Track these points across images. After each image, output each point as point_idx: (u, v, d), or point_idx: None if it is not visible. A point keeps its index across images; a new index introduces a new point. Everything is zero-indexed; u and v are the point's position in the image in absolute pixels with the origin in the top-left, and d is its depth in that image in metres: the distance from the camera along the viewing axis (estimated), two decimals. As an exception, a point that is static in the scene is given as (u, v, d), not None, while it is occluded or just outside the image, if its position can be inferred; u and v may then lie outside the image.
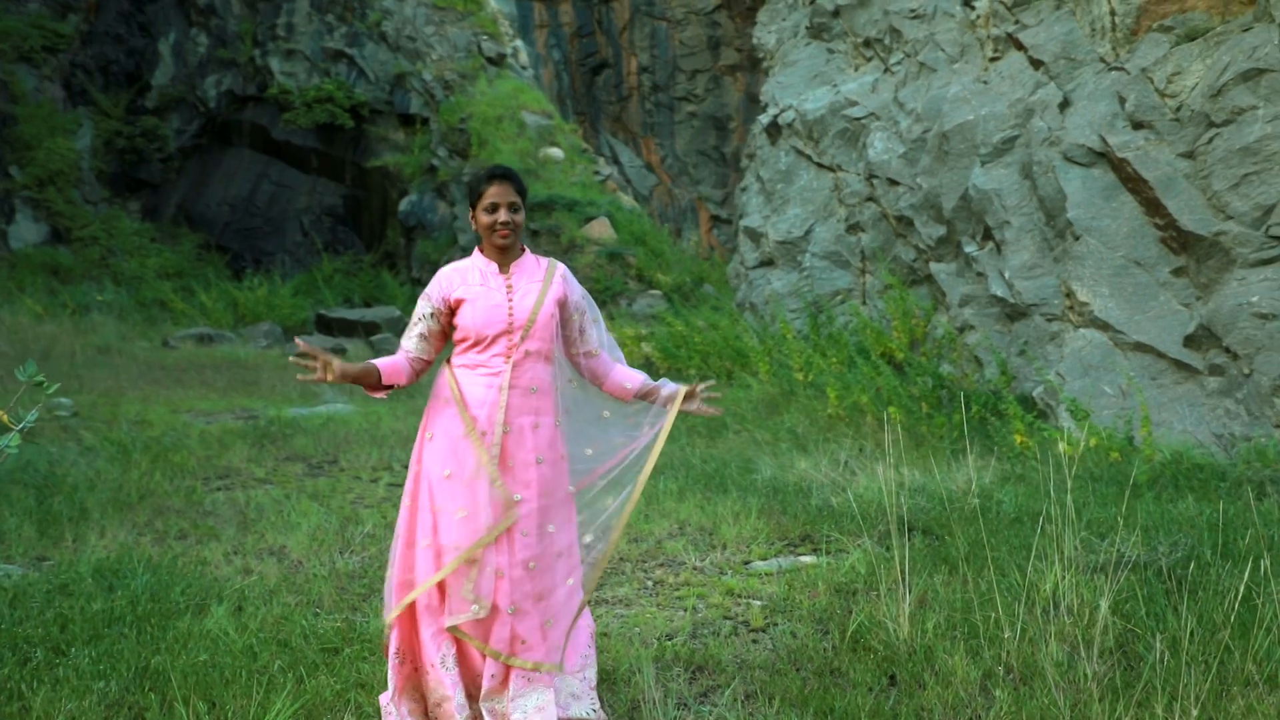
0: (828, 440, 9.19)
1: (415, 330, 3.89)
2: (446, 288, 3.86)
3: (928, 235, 12.48)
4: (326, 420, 10.50)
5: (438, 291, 3.87)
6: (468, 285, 3.85)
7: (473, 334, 3.80)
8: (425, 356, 3.92)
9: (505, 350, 3.80)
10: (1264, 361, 8.45)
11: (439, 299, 3.85)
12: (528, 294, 3.84)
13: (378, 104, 27.39)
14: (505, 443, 3.74)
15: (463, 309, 3.82)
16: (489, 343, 3.80)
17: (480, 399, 3.78)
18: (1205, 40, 10.16)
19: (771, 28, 17.35)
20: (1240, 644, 3.96)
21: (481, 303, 3.81)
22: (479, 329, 3.78)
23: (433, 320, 3.86)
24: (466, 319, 3.81)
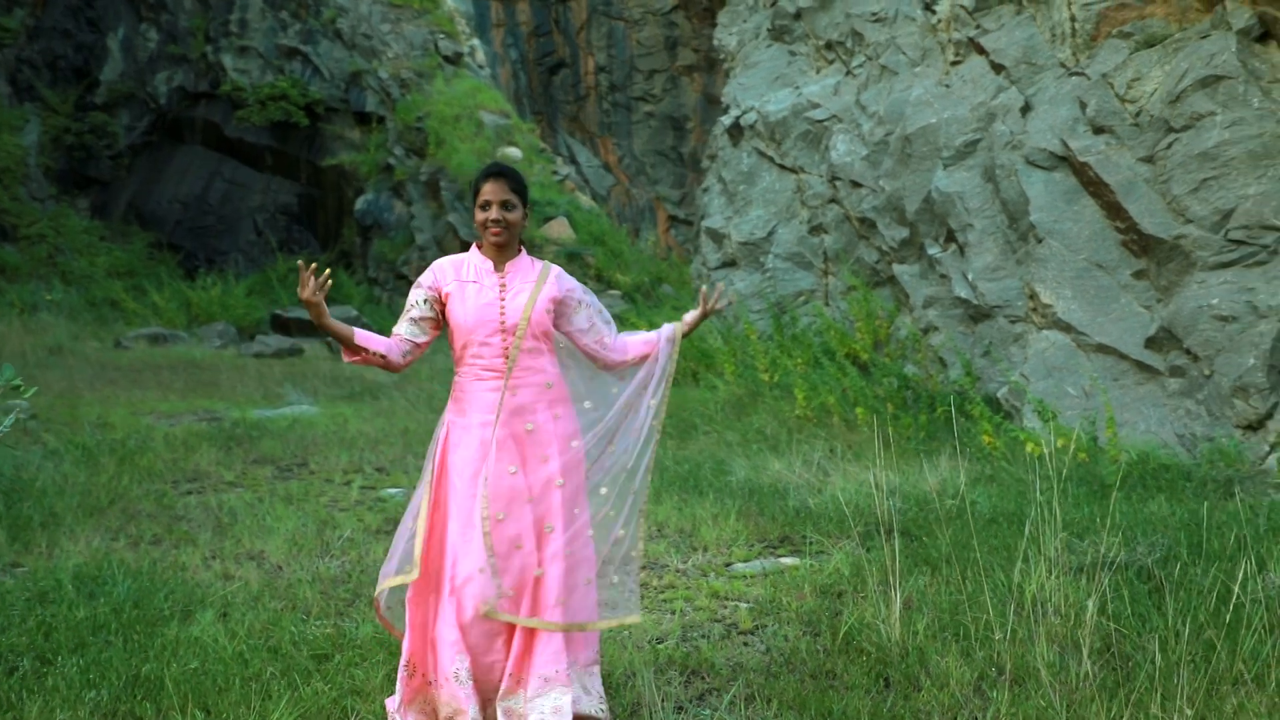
0: (797, 441, 9.25)
1: (408, 315, 3.88)
2: (440, 278, 3.87)
3: (891, 237, 12.59)
4: (293, 422, 10.41)
5: (430, 280, 3.88)
6: (460, 280, 3.84)
7: (464, 331, 3.80)
8: (416, 340, 3.86)
9: (502, 350, 3.80)
10: (1224, 363, 8.62)
11: (430, 287, 3.86)
12: (520, 293, 3.85)
13: (333, 102, 27.17)
14: (524, 440, 3.75)
15: (453, 305, 3.81)
16: (484, 342, 3.79)
17: (489, 402, 3.77)
18: (1164, 47, 10.34)
19: (732, 29, 17.43)
20: (1226, 643, 4.05)
21: (473, 300, 3.81)
22: (470, 326, 3.79)
23: (425, 306, 3.85)
24: (459, 316, 3.80)
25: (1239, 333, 8.63)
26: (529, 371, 3.82)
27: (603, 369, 4.05)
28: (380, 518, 7.04)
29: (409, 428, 10.44)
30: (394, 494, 7.82)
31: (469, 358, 3.82)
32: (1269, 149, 9.07)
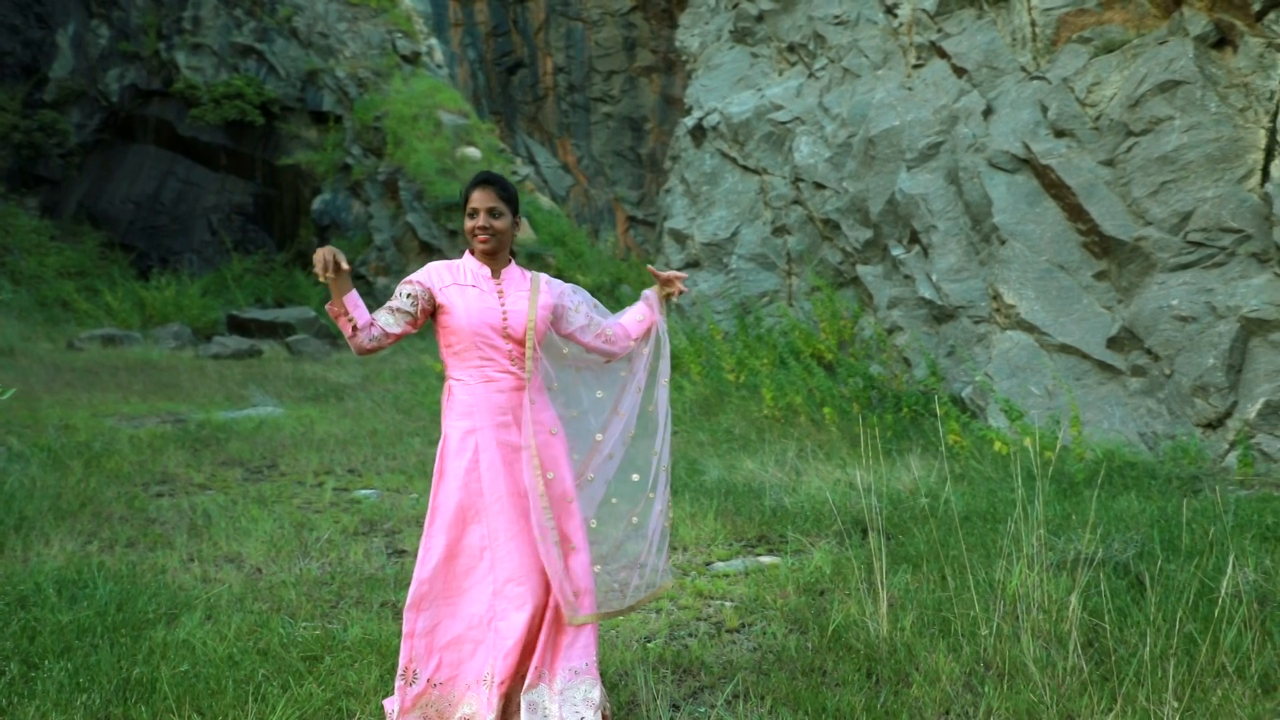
0: (765, 441, 9.32)
1: (388, 305, 3.84)
2: (436, 279, 3.86)
3: (854, 238, 12.71)
4: (259, 424, 10.33)
5: (424, 278, 3.86)
6: (459, 285, 3.85)
7: (468, 334, 3.79)
8: (389, 329, 3.79)
9: (507, 353, 3.81)
10: (1184, 362, 8.79)
11: (421, 284, 3.83)
12: (518, 300, 3.86)
13: (289, 101, 26.94)
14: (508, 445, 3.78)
15: (453, 311, 3.81)
16: (484, 347, 3.80)
17: (498, 404, 3.78)
18: (1123, 52, 10.52)
19: (694, 31, 17.49)
20: (1204, 636, 4.14)
21: (475, 304, 3.81)
22: (473, 328, 3.78)
23: (408, 301, 3.81)
24: (460, 318, 3.80)
25: (1198, 333, 8.81)
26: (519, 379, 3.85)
27: (608, 360, 4.09)
28: (356, 519, 7.01)
29: (377, 429, 10.40)
30: (367, 495, 7.79)
31: (476, 360, 3.81)
32: (1226, 153, 9.27)
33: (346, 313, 3.69)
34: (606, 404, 4.08)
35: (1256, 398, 8.37)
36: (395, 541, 6.53)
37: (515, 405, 3.81)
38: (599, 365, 4.09)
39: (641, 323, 4.14)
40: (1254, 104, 9.31)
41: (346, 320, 3.70)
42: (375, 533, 6.74)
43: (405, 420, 10.92)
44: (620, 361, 4.13)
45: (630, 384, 4.09)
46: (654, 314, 4.16)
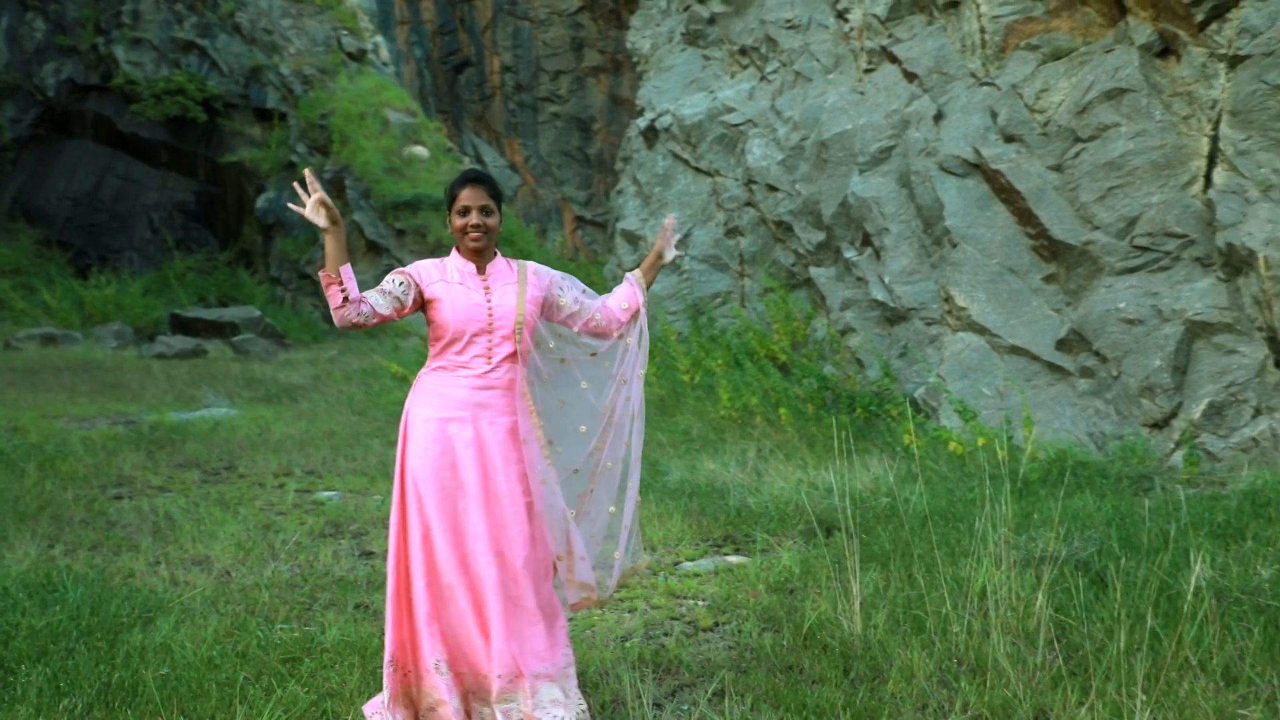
0: (723, 441, 9.41)
1: (380, 288, 3.86)
2: (425, 276, 3.91)
3: (807, 240, 12.85)
4: (214, 425, 10.24)
5: (415, 273, 3.90)
6: (446, 282, 3.89)
7: (451, 330, 3.84)
8: (379, 309, 3.80)
9: (485, 350, 3.86)
10: (1131, 364, 9.02)
11: (412, 276, 3.88)
12: (505, 295, 3.91)
13: (232, 97, 26.64)
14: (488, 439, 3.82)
15: (440, 306, 3.86)
16: (467, 342, 3.85)
17: (462, 399, 3.83)
18: (1070, 60, 10.75)
19: (645, 33, 17.56)
20: (1168, 632, 4.28)
21: (462, 300, 3.86)
22: (459, 325, 3.83)
23: (400, 287, 3.85)
24: (446, 315, 3.84)
25: (1145, 335, 9.04)
26: (502, 374, 3.89)
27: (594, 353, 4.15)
28: (321, 521, 7.00)
29: (333, 430, 10.35)
30: (329, 497, 7.77)
31: (451, 356, 3.87)
32: (1170, 159, 9.51)
33: (340, 282, 3.70)
34: (590, 395, 4.14)
35: (1201, 398, 8.61)
36: (363, 543, 6.53)
37: (478, 401, 3.85)
38: (585, 356, 4.15)
39: (627, 310, 4.20)
40: (1197, 112, 9.56)
41: (339, 290, 3.71)
42: (342, 534, 6.73)
43: (361, 421, 10.88)
44: (604, 354, 4.18)
45: (615, 375, 4.15)
46: (639, 297, 4.22)
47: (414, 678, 3.80)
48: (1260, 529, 5.75)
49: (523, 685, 3.71)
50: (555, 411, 4.05)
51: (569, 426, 4.07)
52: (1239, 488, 6.86)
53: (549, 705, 3.70)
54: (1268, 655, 4.16)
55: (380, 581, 5.65)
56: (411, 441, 3.85)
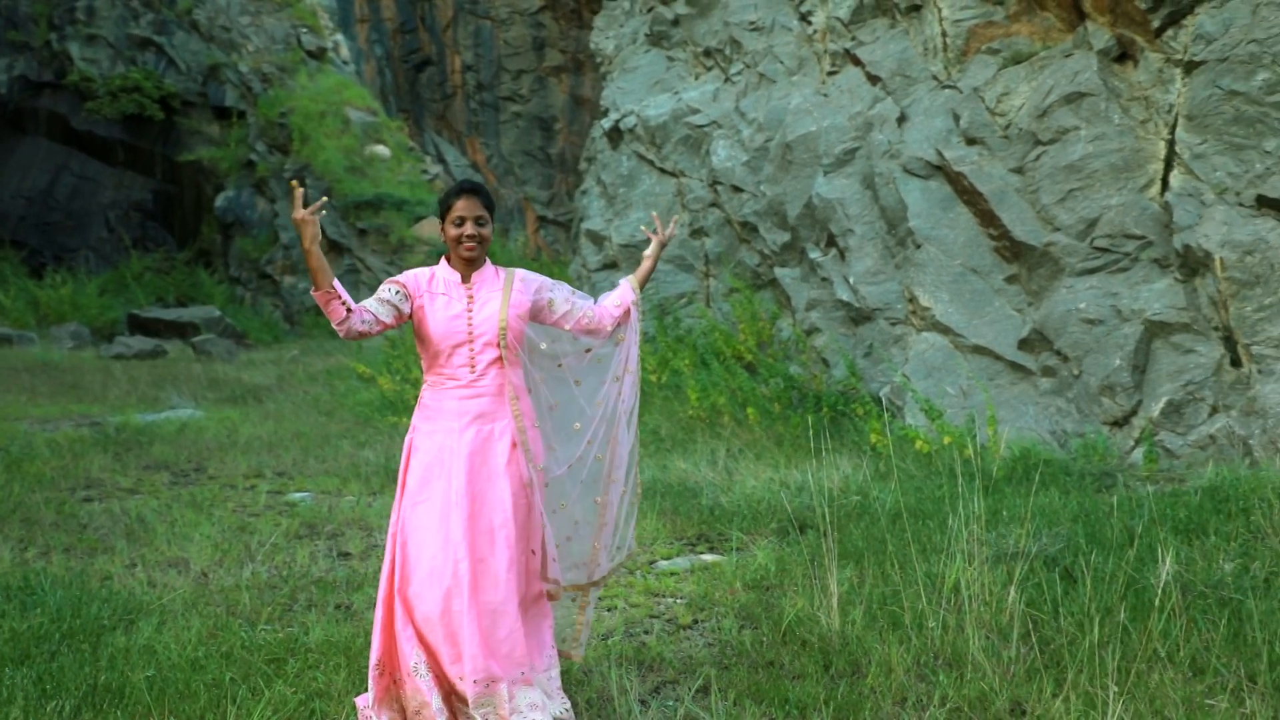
0: (692, 440, 9.49)
1: (377, 296, 3.95)
2: (416, 287, 3.98)
3: (772, 241, 12.96)
4: (181, 427, 10.19)
5: (410, 281, 3.99)
6: (430, 294, 3.96)
7: (434, 342, 3.93)
8: (381, 317, 3.89)
9: (468, 360, 3.92)
10: (1092, 363, 9.19)
11: (407, 285, 3.96)
12: (488, 303, 3.96)
13: (190, 95, 26.41)
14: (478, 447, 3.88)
15: (423, 319, 3.93)
16: (450, 354, 3.91)
17: (454, 410, 3.89)
18: (1030, 64, 10.93)
19: (608, 33, 17.62)
20: (1136, 625, 4.41)
21: (442, 313, 3.92)
22: (439, 336, 3.91)
23: (396, 296, 3.93)
24: (429, 328, 3.93)
25: (1105, 335, 9.21)
26: (489, 381, 3.95)
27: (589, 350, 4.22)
28: (296, 522, 7.00)
29: (302, 431, 10.33)
30: (302, 498, 7.77)
31: (438, 367, 3.94)
32: (1129, 162, 9.70)
33: (339, 296, 3.76)
34: (583, 394, 4.21)
35: (1160, 397, 8.79)
36: (339, 544, 6.55)
37: (469, 411, 3.91)
38: (580, 354, 4.21)
39: (619, 307, 4.28)
40: (1154, 116, 9.75)
41: (339, 304, 3.77)
42: (318, 536, 6.74)
43: (329, 423, 10.86)
44: (599, 351, 4.25)
45: (608, 374, 4.23)
46: (630, 296, 4.30)
47: (399, 682, 3.85)
48: (1221, 524, 5.90)
49: (498, 690, 3.76)
50: (548, 414, 4.11)
51: (564, 425, 4.15)
52: (1199, 484, 7.03)
53: (526, 710, 3.75)
54: (1232, 647, 4.29)
55: (359, 582, 5.69)
56: (413, 456, 3.94)
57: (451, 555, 3.81)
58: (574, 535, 4.20)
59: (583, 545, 4.22)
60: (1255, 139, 8.82)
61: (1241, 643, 4.31)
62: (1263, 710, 3.77)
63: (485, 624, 3.79)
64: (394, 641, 3.86)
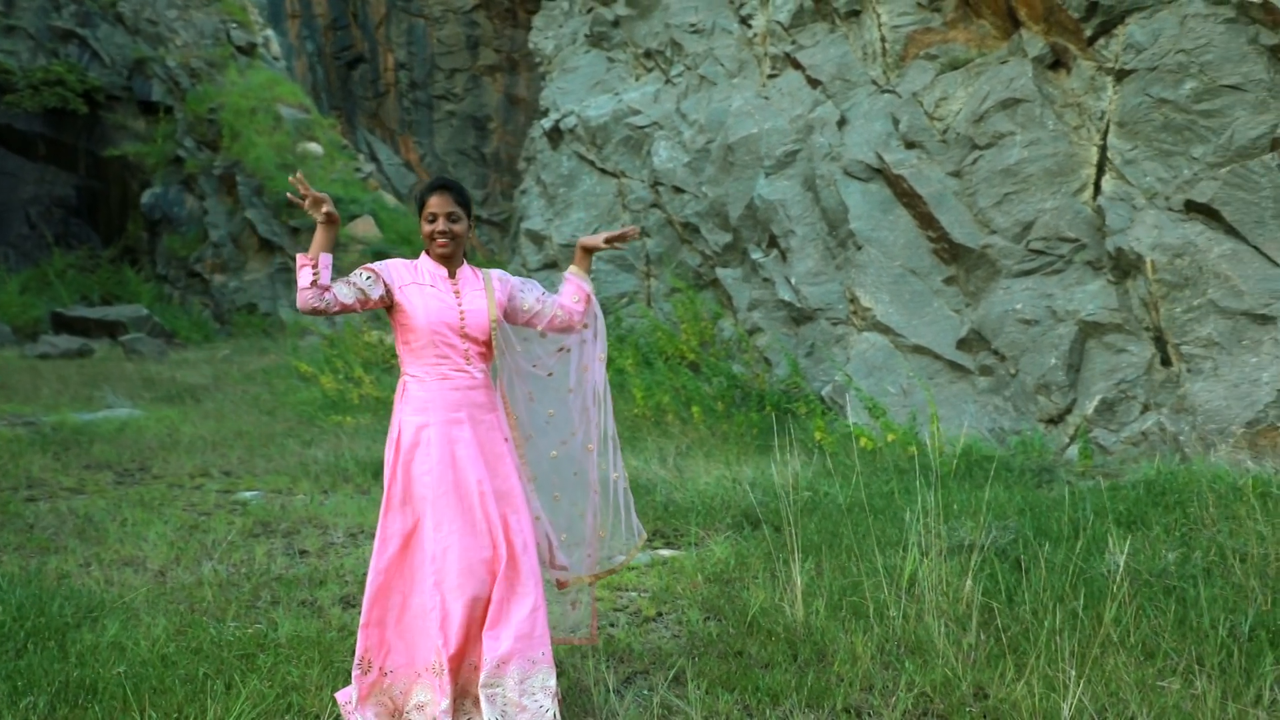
0: (640, 439, 9.57)
1: (347, 278, 3.92)
2: (395, 275, 3.98)
3: (714, 242, 13.09)
4: (121, 426, 10.03)
5: (384, 270, 3.97)
6: (418, 285, 3.97)
7: (425, 333, 3.91)
8: (342, 299, 3.86)
9: (462, 352, 3.95)
10: (1028, 362, 9.44)
11: (380, 274, 3.95)
12: (475, 299, 4.00)
13: (114, 90, 25.90)
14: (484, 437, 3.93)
15: (411, 310, 3.92)
16: (441, 345, 3.92)
17: (452, 401, 3.91)
18: (967, 70, 11.18)
19: (548, 33, 17.64)
20: (1088, 612, 4.58)
21: (434, 303, 3.94)
22: (431, 326, 3.91)
23: (366, 280, 3.91)
24: (419, 317, 3.91)
25: (1041, 335, 9.47)
26: (477, 373, 4.00)
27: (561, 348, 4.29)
28: (249, 521, 6.96)
29: (244, 430, 10.23)
30: (252, 497, 7.72)
31: (432, 358, 3.93)
32: (1063, 167, 9.97)
33: (315, 265, 3.76)
34: (555, 384, 4.27)
35: (1093, 395, 9.06)
36: (296, 542, 6.52)
37: (468, 402, 3.95)
38: (553, 352, 4.28)
39: (579, 301, 4.33)
40: (1086, 122, 10.04)
41: (311, 271, 3.76)
42: (273, 534, 6.70)
43: (271, 422, 10.77)
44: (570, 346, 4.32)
45: (578, 363, 4.30)
46: (585, 286, 4.35)
47: (399, 678, 3.85)
48: (1160, 516, 6.12)
49: (508, 671, 3.79)
50: (527, 404, 4.18)
51: (540, 415, 4.21)
52: (1134, 479, 7.27)
53: (538, 692, 3.80)
54: (1180, 632, 4.48)
55: (321, 579, 5.68)
56: (404, 449, 3.92)
57: (480, 544, 3.85)
58: (571, 526, 4.27)
59: (584, 533, 4.29)
60: (1183, 146, 9.12)
61: (1188, 628, 4.50)
62: (1212, 691, 3.94)
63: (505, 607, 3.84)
64: (400, 638, 3.86)
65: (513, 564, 3.89)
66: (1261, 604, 4.63)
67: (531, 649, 3.84)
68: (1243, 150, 8.67)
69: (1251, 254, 8.45)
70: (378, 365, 12.87)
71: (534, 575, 3.93)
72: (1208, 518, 5.90)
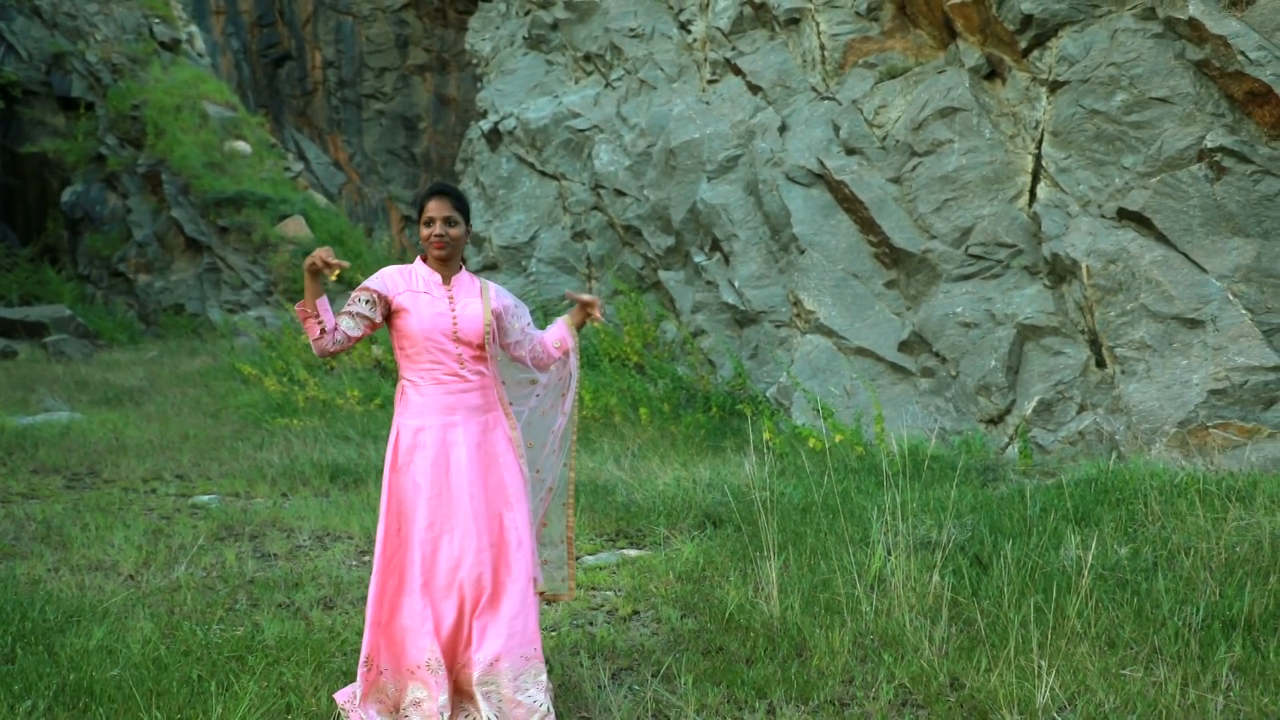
0: (590, 440, 9.68)
1: (348, 309, 4.02)
2: (390, 285, 4.06)
3: (656, 245, 13.24)
4: (65, 430, 9.89)
5: (379, 284, 4.05)
6: (412, 291, 4.05)
7: (420, 339, 4.00)
8: (351, 333, 3.99)
9: (455, 357, 4.03)
10: (968, 365, 9.73)
11: (376, 290, 4.03)
12: (469, 305, 4.09)
13: (32, 84, 25.29)
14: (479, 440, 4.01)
15: (406, 317, 4.01)
16: (435, 351, 4.01)
17: (447, 405, 3.99)
18: (905, 79, 11.47)
19: (485, 35, 17.66)
20: (1049, 605, 4.80)
21: (427, 310, 4.02)
22: (425, 333, 3.99)
23: (366, 306, 4.00)
24: (413, 325, 4.00)
25: (980, 338, 9.76)
26: (472, 379, 4.08)
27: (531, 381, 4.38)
28: (213, 524, 6.94)
29: (190, 433, 10.14)
30: (209, 500, 7.69)
31: (427, 363, 4.02)
32: (999, 174, 10.29)
33: (317, 315, 3.84)
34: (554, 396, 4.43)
35: (1032, 396, 9.36)
36: (262, 545, 6.53)
37: (463, 406, 4.04)
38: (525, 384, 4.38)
39: (559, 348, 4.45)
40: (1022, 132, 10.36)
41: (315, 322, 3.85)
42: (239, 537, 6.70)
43: (216, 425, 10.68)
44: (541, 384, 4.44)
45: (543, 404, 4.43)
46: (569, 341, 4.48)
47: (395, 675, 3.94)
48: (1106, 513, 6.40)
49: (501, 669, 3.89)
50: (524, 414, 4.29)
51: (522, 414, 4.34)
52: (1076, 477, 7.55)
53: (531, 687, 3.90)
54: (1137, 622, 4.72)
55: (295, 581, 5.72)
56: (402, 451, 4.00)
57: (471, 545, 3.93)
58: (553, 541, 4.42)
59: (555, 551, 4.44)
60: (1115, 155, 9.47)
61: (1145, 619, 4.74)
62: (1172, 678, 4.18)
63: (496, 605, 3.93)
64: (387, 637, 3.94)
65: (504, 561, 3.98)
66: (1211, 595, 4.89)
67: (523, 646, 3.94)
68: (1171, 160, 9.03)
69: (1181, 260, 8.81)
70: (319, 367, 12.80)
71: (526, 573, 4.03)
72: (1152, 514, 6.19)
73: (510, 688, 3.87)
